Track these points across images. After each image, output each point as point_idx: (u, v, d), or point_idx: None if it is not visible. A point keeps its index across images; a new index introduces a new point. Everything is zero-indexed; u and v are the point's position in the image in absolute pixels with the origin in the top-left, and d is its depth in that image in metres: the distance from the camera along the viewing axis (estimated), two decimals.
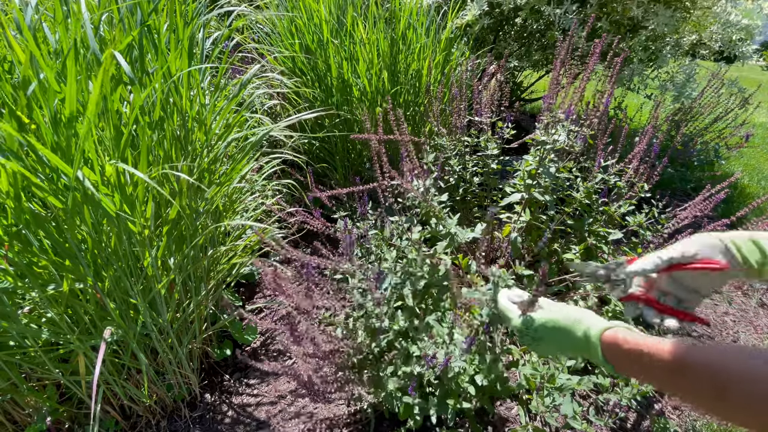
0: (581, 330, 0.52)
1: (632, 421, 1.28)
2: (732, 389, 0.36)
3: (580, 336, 0.51)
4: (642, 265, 0.56)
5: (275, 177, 1.89)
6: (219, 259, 1.41)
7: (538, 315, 0.58)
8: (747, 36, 2.34)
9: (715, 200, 1.37)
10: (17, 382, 1.01)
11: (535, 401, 1.14)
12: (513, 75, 3.21)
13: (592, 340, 0.50)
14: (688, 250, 0.54)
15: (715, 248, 0.53)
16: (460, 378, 1.11)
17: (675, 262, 0.54)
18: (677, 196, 2.58)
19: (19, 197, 0.80)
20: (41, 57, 0.78)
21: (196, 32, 1.19)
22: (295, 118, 1.58)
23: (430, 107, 1.87)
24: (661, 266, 0.55)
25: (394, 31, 1.98)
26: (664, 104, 2.50)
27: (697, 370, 0.38)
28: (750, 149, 3.64)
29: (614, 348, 0.47)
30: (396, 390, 1.12)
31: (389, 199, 1.33)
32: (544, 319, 0.56)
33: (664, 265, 0.55)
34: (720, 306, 1.81)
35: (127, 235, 0.97)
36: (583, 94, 1.52)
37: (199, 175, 1.18)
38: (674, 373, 0.41)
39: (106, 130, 0.92)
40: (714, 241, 0.53)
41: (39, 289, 0.90)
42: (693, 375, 0.39)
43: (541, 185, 1.50)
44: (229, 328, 1.48)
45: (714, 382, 0.37)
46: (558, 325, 0.55)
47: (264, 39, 2.18)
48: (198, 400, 1.33)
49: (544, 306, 0.58)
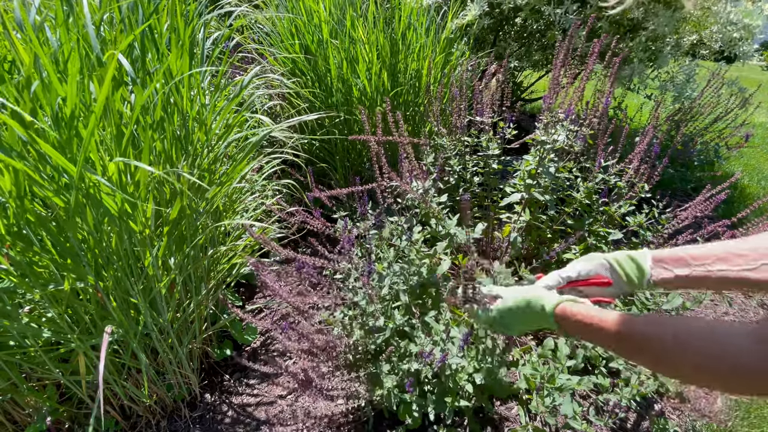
0: (539, 305, 0.60)
1: (632, 421, 1.28)
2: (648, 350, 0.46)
3: (538, 311, 0.60)
4: (546, 281, 0.68)
5: (275, 177, 1.89)
6: (219, 259, 1.41)
7: (500, 305, 0.66)
8: (747, 35, 2.34)
9: (716, 201, 1.37)
10: (17, 382, 1.01)
11: (535, 401, 1.14)
12: (513, 75, 3.21)
13: (547, 313, 0.59)
14: (582, 269, 0.65)
15: (604, 267, 0.64)
16: (458, 376, 1.11)
17: (572, 279, 0.66)
18: (677, 197, 2.58)
19: (22, 196, 0.81)
20: (44, 56, 0.78)
21: (196, 32, 1.19)
22: (296, 120, 1.58)
23: (430, 107, 1.87)
24: (562, 283, 0.67)
25: (394, 31, 1.98)
26: (665, 104, 2.51)
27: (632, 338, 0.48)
28: (750, 149, 3.63)
29: (565, 319, 0.57)
30: (394, 387, 1.12)
31: (388, 200, 1.33)
32: (507, 306, 0.65)
33: (564, 282, 0.67)
34: (720, 306, 1.81)
35: (128, 234, 0.97)
36: (582, 94, 1.52)
37: (200, 175, 1.19)
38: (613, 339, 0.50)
39: (107, 130, 0.92)
40: (602, 260, 0.64)
41: (40, 288, 0.91)
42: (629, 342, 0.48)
43: (541, 185, 1.50)
44: (229, 328, 1.48)
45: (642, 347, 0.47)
46: (519, 305, 0.63)
47: (264, 39, 2.19)
48: (198, 400, 1.33)
49: (503, 295, 0.67)
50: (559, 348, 1.25)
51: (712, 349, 0.41)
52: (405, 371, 1.12)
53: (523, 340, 1.51)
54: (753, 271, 0.50)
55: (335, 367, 1.19)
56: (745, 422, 1.34)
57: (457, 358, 1.10)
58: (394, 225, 1.32)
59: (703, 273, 0.53)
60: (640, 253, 0.61)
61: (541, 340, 1.46)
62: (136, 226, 0.96)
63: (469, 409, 1.19)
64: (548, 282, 0.67)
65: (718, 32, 2.37)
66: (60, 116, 0.83)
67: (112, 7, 1.00)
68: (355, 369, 1.21)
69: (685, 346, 0.42)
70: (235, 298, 1.61)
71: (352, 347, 1.16)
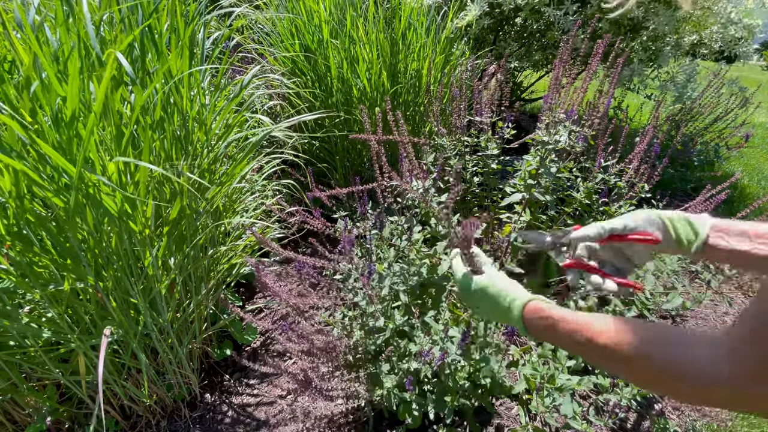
0: (508, 300, 0.57)
1: (632, 421, 1.28)
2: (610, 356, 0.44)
3: (505, 305, 0.57)
4: (586, 231, 0.61)
5: (275, 177, 1.89)
6: (219, 259, 1.41)
7: (477, 278, 0.62)
8: (747, 35, 2.34)
9: (716, 201, 1.37)
10: (17, 382, 1.01)
11: (535, 401, 1.14)
12: (513, 75, 3.21)
13: (514, 310, 0.55)
14: (628, 223, 0.59)
15: (653, 224, 0.58)
16: (458, 375, 1.11)
17: (616, 232, 0.59)
18: (677, 197, 2.57)
19: (21, 196, 0.81)
20: (43, 57, 0.78)
21: (196, 32, 1.19)
22: (296, 119, 1.58)
23: (430, 107, 1.87)
24: (604, 235, 0.60)
25: (394, 31, 1.98)
26: (665, 104, 2.50)
27: (600, 345, 0.45)
28: (750, 149, 3.63)
29: (533, 319, 0.54)
30: (394, 387, 1.12)
31: (389, 199, 1.33)
32: (482, 283, 0.61)
33: (606, 233, 0.60)
34: (720, 306, 1.81)
35: (127, 234, 0.97)
36: (584, 95, 1.52)
37: (200, 174, 1.19)
38: (582, 345, 0.47)
39: (107, 130, 0.92)
40: (653, 217, 0.58)
41: (40, 288, 0.91)
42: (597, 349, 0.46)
43: (541, 185, 1.50)
44: (229, 328, 1.48)
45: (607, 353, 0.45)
46: (490, 291, 0.59)
47: (264, 39, 2.19)
48: (198, 400, 1.33)
49: (487, 272, 0.63)
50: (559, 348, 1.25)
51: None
52: (405, 370, 1.12)
53: (523, 341, 1.51)
54: None
55: (335, 367, 1.19)
56: (745, 422, 1.34)
57: (456, 356, 1.10)
58: (394, 225, 1.32)
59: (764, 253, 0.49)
60: (699, 217, 0.56)
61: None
62: (135, 226, 0.96)
63: (469, 408, 1.19)
64: (587, 231, 0.60)
65: (719, 32, 2.37)
66: (60, 116, 0.83)
67: (112, 8, 1.00)
68: (355, 369, 1.21)
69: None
70: (235, 298, 1.61)
71: (351, 347, 1.16)
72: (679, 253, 0.57)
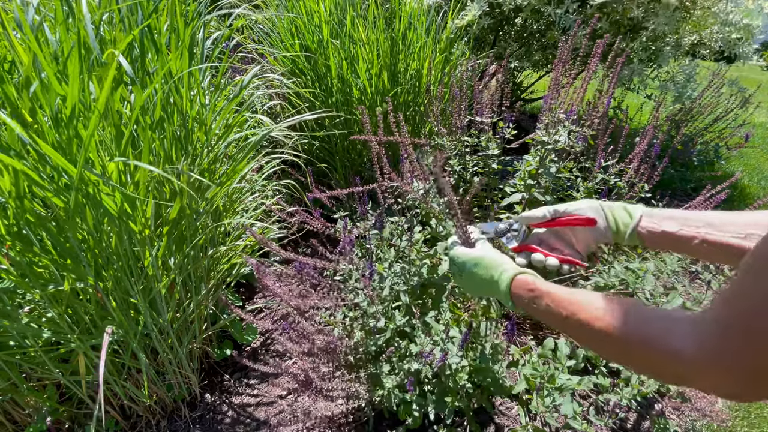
0: (498, 272, 0.58)
1: (632, 421, 1.28)
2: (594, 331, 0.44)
3: (495, 278, 0.58)
4: (533, 212, 0.66)
5: (275, 177, 1.89)
6: (219, 259, 1.41)
7: (470, 250, 0.64)
8: (747, 35, 2.34)
9: (716, 201, 1.37)
10: (17, 382, 1.01)
11: (535, 401, 1.14)
12: (513, 75, 3.21)
13: (502, 283, 0.56)
14: (569, 207, 0.64)
15: (594, 210, 0.62)
16: (458, 375, 1.11)
17: (558, 215, 0.64)
18: (677, 196, 2.58)
19: (21, 196, 0.81)
20: (43, 57, 0.78)
21: (196, 32, 1.19)
22: (296, 119, 1.58)
23: (430, 107, 1.86)
24: (548, 216, 0.65)
25: (394, 31, 1.98)
26: (665, 104, 2.50)
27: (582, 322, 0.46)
28: (750, 149, 3.63)
29: (520, 291, 0.54)
30: (394, 387, 1.12)
31: (389, 200, 1.33)
32: (471, 256, 0.62)
33: (550, 215, 0.65)
34: None
35: (127, 234, 0.97)
36: (584, 95, 1.52)
37: (200, 175, 1.18)
38: (565, 319, 0.48)
39: (107, 130, 0.92)
40: (595, 204, 0.63)
41: (40, 288, 0.91)
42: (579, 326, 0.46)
43: (541, 185, 1.50)
44: (229, 328, 1.48)
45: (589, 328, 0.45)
46: (483, 263, 0.60)
47: (264, 39, 2.18)
48: (198, 400, 1.33)
49: (481, 247, 0.64)
50: (559, 348, 1.25)
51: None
52: (405, 371, 1.12)
53: (523, 340, 1.51)
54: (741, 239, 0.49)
55: (336, 367, 1.19)
56: (745, 422, 1.34)
57: (457, 357, 1.10)
58: (395, 225, 1.32)
59: (691, 233, 0.53)
60: (634, 206, 0.60)
61: (541, 340, 1.46)
62: (135, 226, 0.96)
63: (469, 408, 1.19)
64: (535, 214, 0.66)
65: (719, 32, 2.37)
66: (60, 116, 0.82)
67: (111, 8, 1.00)
68: (356, 369, 1.21)
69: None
70: (235, 298, 1.61)
71: (352, 348, 1.16)
72: (618, 240, 0.61)
